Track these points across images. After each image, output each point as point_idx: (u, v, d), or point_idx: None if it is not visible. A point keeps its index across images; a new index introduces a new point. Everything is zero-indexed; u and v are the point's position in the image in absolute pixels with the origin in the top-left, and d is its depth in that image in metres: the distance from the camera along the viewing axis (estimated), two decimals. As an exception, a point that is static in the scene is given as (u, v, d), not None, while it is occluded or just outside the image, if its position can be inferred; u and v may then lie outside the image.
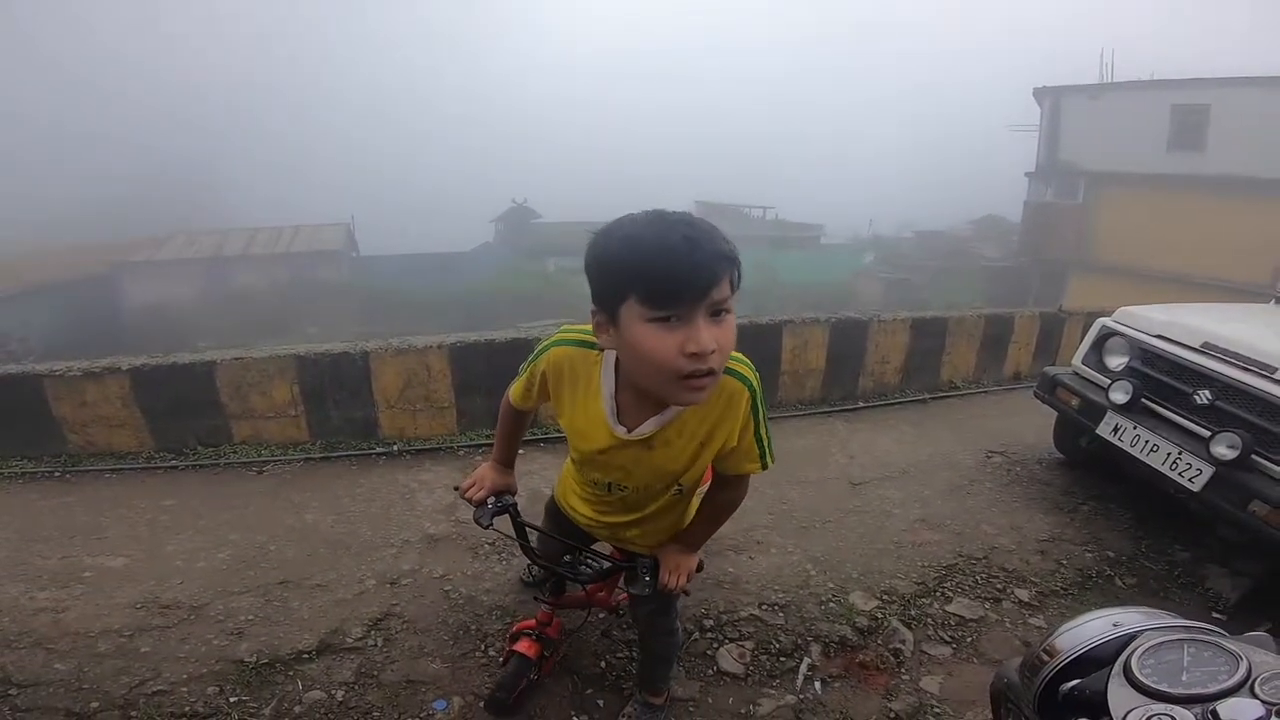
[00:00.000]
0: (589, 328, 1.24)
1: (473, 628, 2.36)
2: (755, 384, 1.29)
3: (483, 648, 2.27)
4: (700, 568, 1.59)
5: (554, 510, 1.81)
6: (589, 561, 1.72)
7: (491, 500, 1.59)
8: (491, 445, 1.71)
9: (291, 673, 2.17)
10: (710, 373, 1.08)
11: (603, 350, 1.28)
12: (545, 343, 1.40)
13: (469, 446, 3.86)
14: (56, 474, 3.54)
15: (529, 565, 2.51)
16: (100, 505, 3.22)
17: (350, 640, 2.30)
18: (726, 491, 1.51)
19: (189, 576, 2.64)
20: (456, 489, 1.63)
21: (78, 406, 3.60)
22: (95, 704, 2.04)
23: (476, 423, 3.99)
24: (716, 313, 1.07)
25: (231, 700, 2.06)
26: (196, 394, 3.68)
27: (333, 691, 2.10)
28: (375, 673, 2.18)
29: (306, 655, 2.23)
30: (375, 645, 2.29)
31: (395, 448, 3.81)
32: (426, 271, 23.95)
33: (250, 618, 2.40)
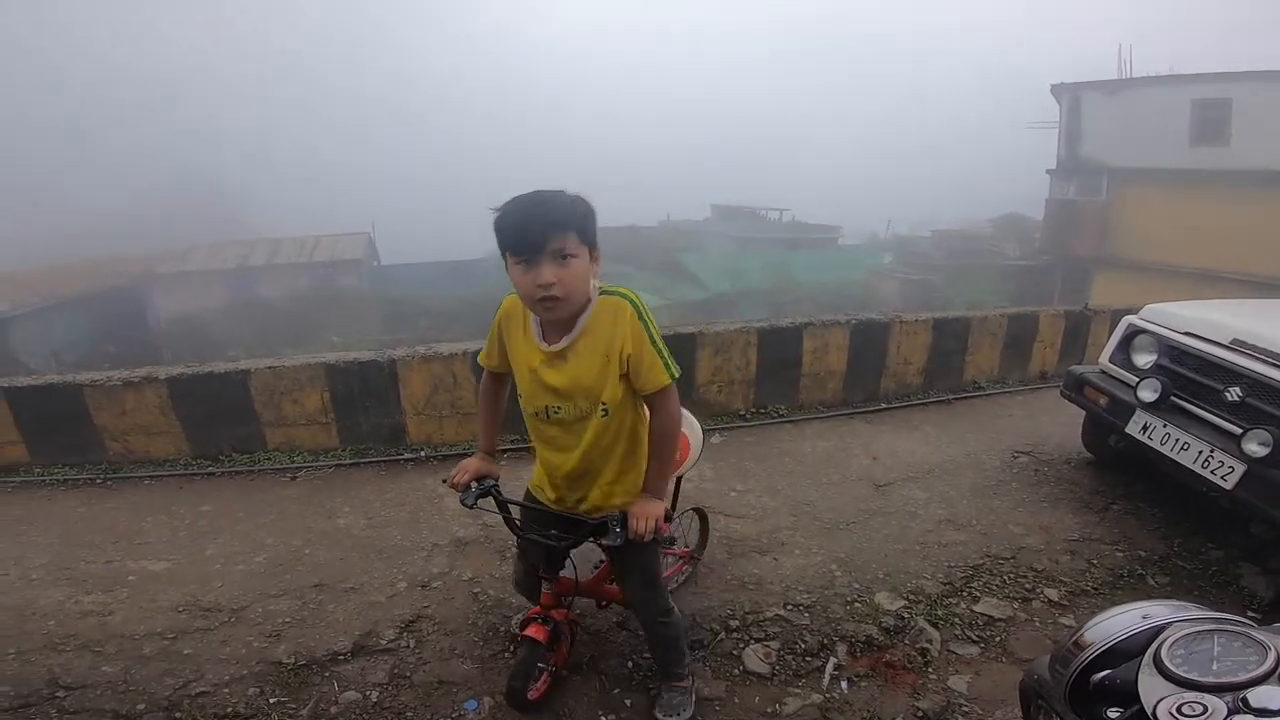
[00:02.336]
0: None
1: (501, 629, 2.40)
2: (634, 299, 1.62)
3: (511, 649, 2.31)
4: (668, 518, 1.73)
5: (526, 501, 1.98)
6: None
7: (474, 484, 1.79)
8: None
9: (328, 674, 2.23)
10: (554, 298, 1.48)
11: None
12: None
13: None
14: (98, 480, 3.66)
15: (515, 569, 2.54)
16: (141, 511, 3.32)
17: (383, 642, 2.36)
18: (657, 416, 1.69)
19: (228, 580, 2.72)
20: (444, 481, 1.85)
21: (118, 415, 3.72)
22: (141, 705, 2.11)
23: (502, 428, 4.03)
24: (563, 258, 1.46)
25: (271, 701, 2.12)
26: (231, 402, 3.78)
27: (367, 692, 2.15)
28: (408, 673, 2.23)
29: (342, 656, 2.29)
30: (408, 646, 2.34)
31: (423, 453, 3.88)
32: (445, 279, 24.18)
33: (288, 620, 2.47)
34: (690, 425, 2.15)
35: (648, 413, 1.74)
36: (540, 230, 1.43)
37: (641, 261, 23.86)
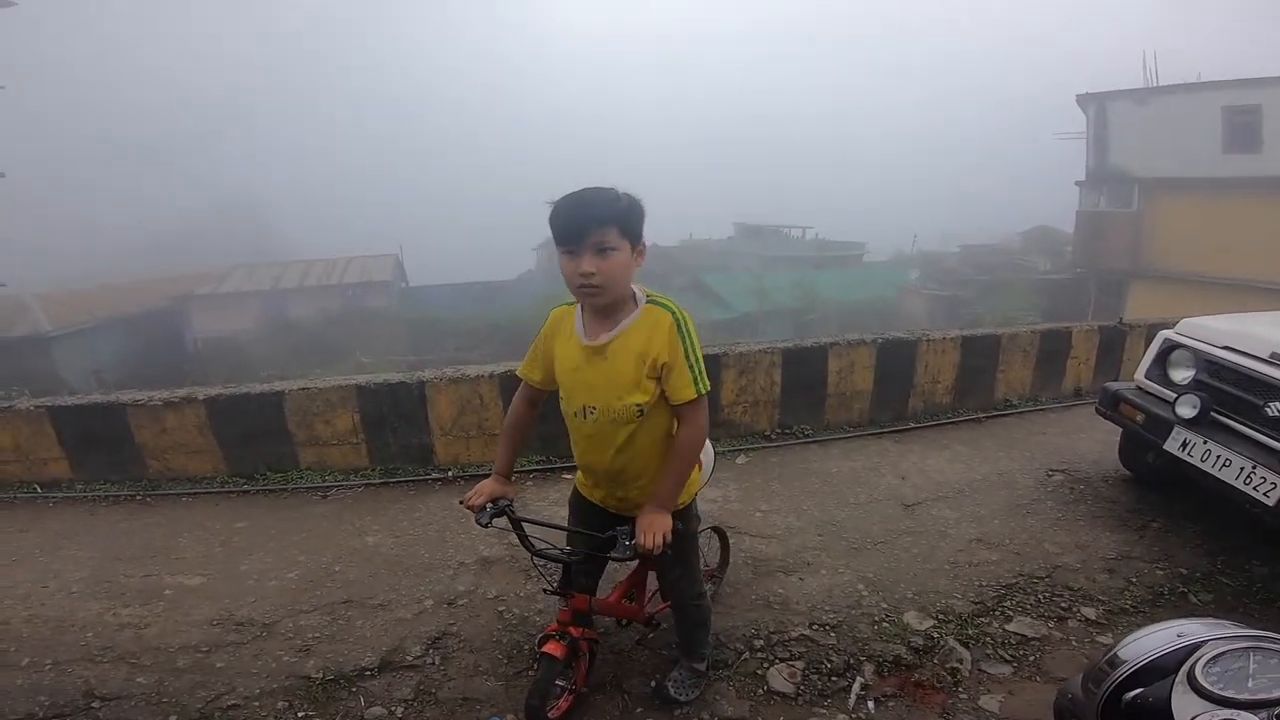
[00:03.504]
0: None
1: (526, 647, 2.41)
2: (677, 312, 1.70)
3: (535, 667, 2.30)
4: (676, 530, 1.73)
5: (575, 501, 2.05)
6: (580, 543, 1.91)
7: (489, 505, 1.83)
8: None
9: (355, 689, 2.25)
10: (595, 286, 1.59)
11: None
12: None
13: (519, 472, 3.93)
14: (138, 497, 3.77)
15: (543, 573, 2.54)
16: (178, 527, 3.41)
17: (410, 658, 2.38)
18: (682, 429, 1.75)
19: (261, 595, 2.77)
20: (460, 501, 1.89)
21: (158, 434, 3.84)
22: (173, 717, 2.16)
23: (526, 449, 4.07)
24: (602, 250, 1.56)
25: (299, 715, 2.15)
26: (266, 422, 3.88)
27: (393, 708, 2.17)
28: (433, 690, 2.24)
29: (369, 672, 2.32)
30: (433, 663, 2.36)
31: (450, 473, 3.93)
32: (472, 300, 24.50)
33: (317, 635, 2.50)
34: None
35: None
36: (582, 224, 1.56)
37: (665, 282, 23.93)
